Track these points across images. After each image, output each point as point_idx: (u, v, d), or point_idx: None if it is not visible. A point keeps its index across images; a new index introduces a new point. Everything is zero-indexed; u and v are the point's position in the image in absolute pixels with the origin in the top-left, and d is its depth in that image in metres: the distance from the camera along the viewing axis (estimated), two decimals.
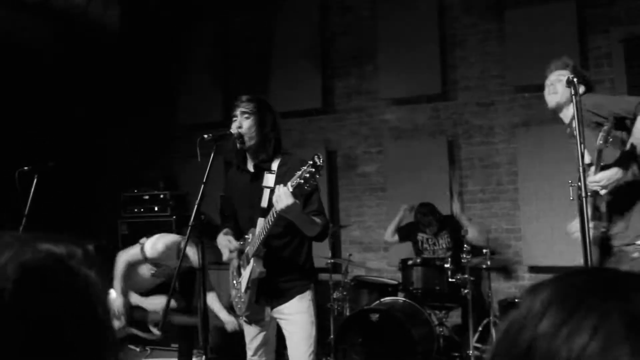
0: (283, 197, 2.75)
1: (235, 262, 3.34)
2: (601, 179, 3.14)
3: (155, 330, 4.60)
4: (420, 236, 5.72)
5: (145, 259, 4.50)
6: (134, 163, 7.66)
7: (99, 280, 0.72)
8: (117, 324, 4.54)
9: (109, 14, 6.41)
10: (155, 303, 4.64)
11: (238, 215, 3.41)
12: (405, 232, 5.83)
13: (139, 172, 7.54)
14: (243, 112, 3.18)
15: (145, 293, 4.73)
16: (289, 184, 2.75)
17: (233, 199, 3.45)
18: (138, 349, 6.22)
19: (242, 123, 3.17)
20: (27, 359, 0.63)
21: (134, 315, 4.65)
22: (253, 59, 7.44)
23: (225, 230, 3.43)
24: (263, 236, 3.03)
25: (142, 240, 4.58)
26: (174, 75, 7.73)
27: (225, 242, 3.31)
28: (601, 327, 0.55)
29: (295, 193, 2.74)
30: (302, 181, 2.69)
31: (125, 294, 4.57)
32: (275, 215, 2.88)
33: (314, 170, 2.66)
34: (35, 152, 5.22)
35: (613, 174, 3.14)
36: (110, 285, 4.51)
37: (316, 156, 2.68)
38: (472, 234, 5.33)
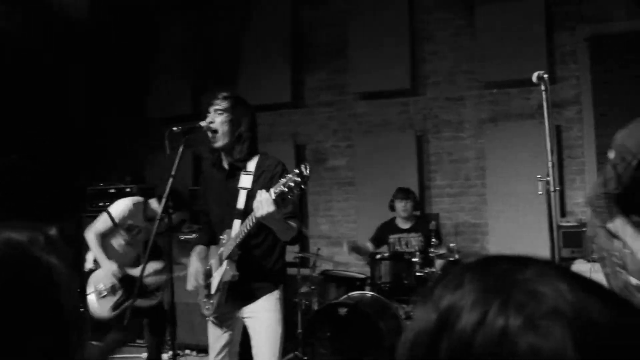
0: (264, 204, 2.70)
1: (201, 265, 3.28)
2: None
3: (157, 294, 4.70)
4: (392, 238, 5.72)
5: (115, 225, 4.53)
6: (100, 156, 7.54)
7: (63, 265, 0.70)
8: (109, 300, 4.54)
9: (77, 3, 6.28)
10: (149, 268, 4.52)
11: (210, 213, 3.37)
12: (379, 236, 5.84)
13: (106, 166, 7.43)
14: (217, 110, 3.14)
15: (131, 266, 4.68)
16: (272, 190, 2.70)
17: (206, 195, 3.40)
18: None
19: (214, 119, 3.12)
20: None
21: (131, 284, 4.53)
22: (223, 52, 7.37)
23: (198, 250, 3.36)
24: (239, 240, 2.99)
25: (107, 209, 4.64)
26: (143, 67, 7.62)
27: (194, 273, 3.26)
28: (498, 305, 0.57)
29: (277, 200, 2.70)
30: (286, 189, 2.65)
31: (110, 264, 4.52)
32: (254, 221, 2.84)
33: (299, 180, 2.62)
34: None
35: None
36: (79, 267, 4.56)
37: (303, 165, 2.64)
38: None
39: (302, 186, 2.64)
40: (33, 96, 6.97)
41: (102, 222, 4.55)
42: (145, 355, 5.32)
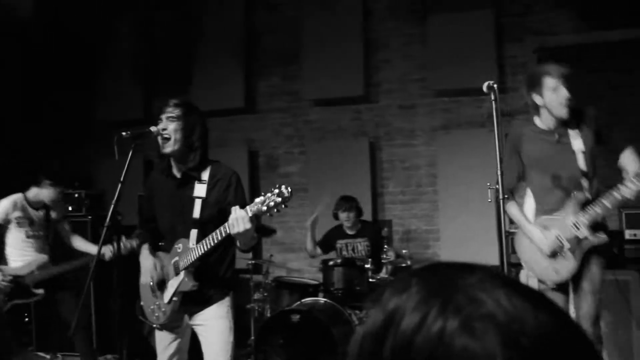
0: (241, 222, 2.71)
1: (157, 272, 3.20)
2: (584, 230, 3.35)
3: (38, 290, 4.79)
4: (340, 243, 5.71)
5: (3, 220, 4.78)
6: (47, 159, 7.33)
7: None
8: None
9: (21, 1, 6.10)
10: (27, 261, 4.83)
11: (158, 220, 3.29)
12: (325, 242, 5.81)
13: (53, 169, 7.22)
14: (169, 117, 3.08)
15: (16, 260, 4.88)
16: (248, 208, 2.70)
17: (154, 202, 3.33)
18: (49, 356, 5.96)
19: (167, 126, 3.06)
20: None
21: (15, 287, 4.77)
22: (176, 55, 7.28)
23: (146, 245, 3.29)
24: (203, 252, 2.95)
25: None
26: (93, 69, 7.44)
27: (151, 268, 3.18)
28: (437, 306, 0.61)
29: (252, 218, 2.70)
30: (264, 208, 2.66)
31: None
32: (223, 235, 2.83)
33: (280, 200, 2.63)
34: None
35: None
36: None
37: (284, 186, 2.66)
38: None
39: (284, 206, 2.66)
40: None
41: None
42: None
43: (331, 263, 5.22)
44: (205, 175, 3.12)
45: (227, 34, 6.98)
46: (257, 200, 2.69)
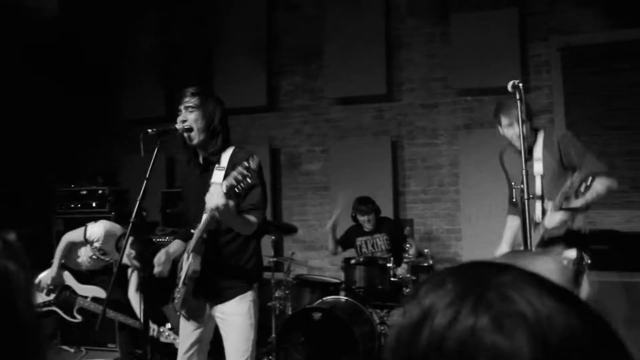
0: (215, 196, 2.70)
1: (165, 254, 3.23)
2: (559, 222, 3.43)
3: (78, 316, 4.82)
4: (359, 240, 5.71)
5: (86, 241, 4.73)
6: (71, 157, 7.43)
7: (20, 270, 0.68)
8: (39, 296, 4.77)
9: (48, 4, 6.18)
10: (87, 290, 4.87)
11: (188, 210, 3.32)
12: (345, 241, 5.81)
13: (77, 167, 7.32)
14: (188, 107, 3.10)
15: (81, 279, 4.91)
16: (224, 183, 2.71)
17: (185, 194, 3.37)
18: (72, 350, 6.04)
19: (187, 117, 3.09)
20: None
21: (62, 294, 4.85)
22: (198, 54, 7.33)
23: (173, 242, 3.33)
24: (200, 233, 2.97)
25: (88, 223, 4.85)
26: (116, 68, 7.52)
27: (156, 259, 3.20)
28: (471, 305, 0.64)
29: (228, 194, 2.69)
30: (234, 182, 2.65)
31: (59, 270, 4.82)
32: (208, 214, 2.84)
33: (245, 172, 2.63)
34: None
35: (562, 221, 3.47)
36: (36, 271, 4.80)
37: (251, 157, 2.70)
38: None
39: (248, 179, 2.65)
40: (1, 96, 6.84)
41: (75, 234, 4.80)
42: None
43: (353, 262, 5.23)
44: (224, 160, 3.12)
45: (248, 32, 7.01)
46: (231, 174, 2.71)
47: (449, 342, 0.62)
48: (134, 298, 4.69)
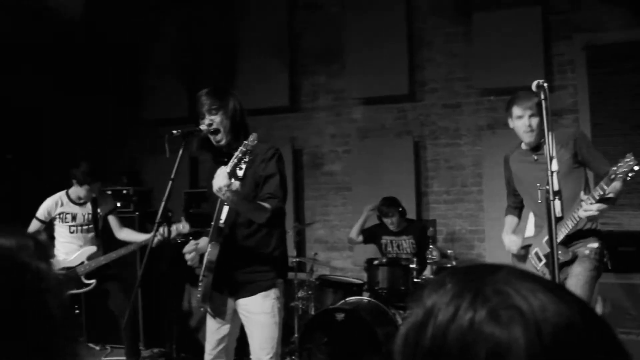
0: (219, 178, 2.74)
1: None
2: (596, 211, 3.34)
3: (89, 281, 5.00)
4: (385, 239, 5.71)
5: (42, 222, 5.04)
6: (96, 157, 7.50)
7: (51, 270, 0.70)
8: None
9: (71, 5, 6.25)
10: (77, 257, 5.07)
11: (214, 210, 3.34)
12: (370, 234, 5.81)
13: (102, 167, 7.39)
14: (210, 109, 3.11)
15: (68, 253, 5.11)
16: (229, 165, 2.76)
17: (210, 193, 3.38)
18: (98, 347, 6.11)
19: (212, 119, 3.10)
20: None
21: (65, 277, 4.98)
22: (220, 55, 7.36)
23: (203, 237, 3.35)
24: (217, 221, 3.01)
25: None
26: (140, 69, 7.59)
27: (186, 248, 3.25)
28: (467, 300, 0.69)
29: (232, 173, 2.74)
30: (236, 161, 2.71)
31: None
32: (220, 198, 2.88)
33: (244, 149, 2.72)
34: None
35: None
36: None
37: (252, 136, 2.78)
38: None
39: (246, 157, 2.75)
40: (25, 96, 6.94)
41: (32, 226, 5.04)
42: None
43: (376, 262, 5.22)
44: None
45: (270, 32, 7.03)
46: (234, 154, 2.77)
47: (451, 336, 0.66)
48: (125, 230, 5.29)
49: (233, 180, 2.74)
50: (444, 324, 0.68)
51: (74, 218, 5.14)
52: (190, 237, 5.39)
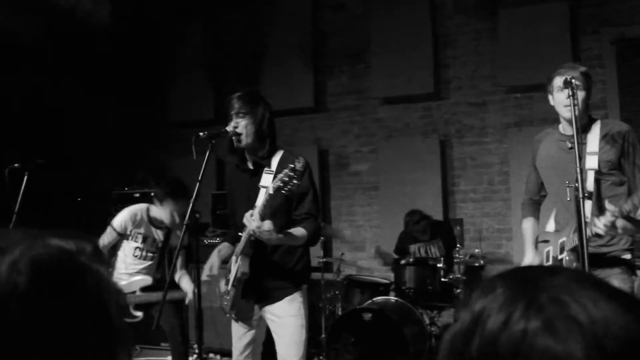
0: (250, 221, 2.83)
1: (218, 259, 3.30)
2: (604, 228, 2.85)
3: (137, 313, 4.52)
4: (413, 247, 5.69)
5: (118, 234, 4.47)
6: (124, 160, 7.60)
7: (110, 276, 0.71)
8: None
9: (99, 10, 6.35)
10: (131, 284, 4.53)
11: (237, 213, 3.34)
12: (401, 247, 5.82)
13: (130, 170, 7.49)
14: (238, 113, 3.14)
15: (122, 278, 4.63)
16: (270, 186, 2.76)
17: (233, 197, 3.41)
18: None
19: (238, 122, 3.12)
20: (38, 354, 0.62)
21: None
22: (245, 56, 7.41)
23: (221, 246, 3.37)
24: (248, 236, 3.03)
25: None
26: (165, 72, 7.68)
27: (209, 264, 3.27)
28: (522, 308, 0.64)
29: (263, 215, 2.80)
30: (281, 184, 2.69)
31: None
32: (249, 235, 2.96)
33: (292, 174, 2.66)
34: (25, 149, 5.16)
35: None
36: None
37: (297, 160, 2.73)
38: None
39: (295, 181, 2.68)
40: (56, 101, 7.05)
41: (107, 236, 4.50)
42: (170, 358, 5.36)
43: (403, 262, 5.21)
44: (274, 164, 3.15)
45: (294, 33, 7.05)
46: (278, 176, 2.75)
47: (501, 346, 0.62)
48: (183, 278, 4.56)
49: (264, 222, 2.81)
50: (493, 333, 0.63)
51: (144, 240, 4.58)
52: (217, 239, 5.44)
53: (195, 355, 5.10)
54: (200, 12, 7.54)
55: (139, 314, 4.51)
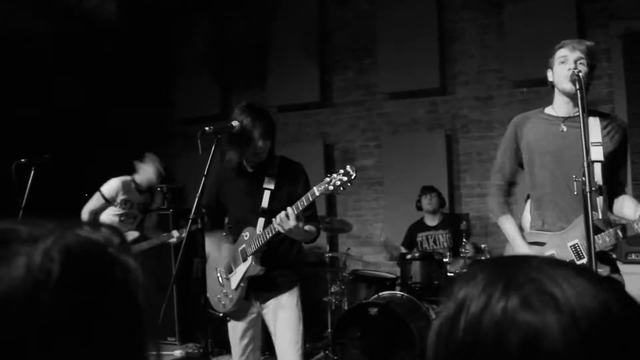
0: (285, 220, 2.91)
1: (224, 260, 3.33)
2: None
3: None
4: (420, 236, 5.72)
5: (107, 201, 4.95)
6: (130, 156, 7.60)
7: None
8: None
9: (105, 6, 6.35)
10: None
11: (230, 213, 3.44)
12: (409, 239, 5.86)
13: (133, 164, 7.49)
14: (264, 134, 3.13)
15: None
16: (316, 189, 2.87)
17: (225, 196, 3.42)
18: None
19: (265, 145, 3.16)
20: (69, 342, 0.62)
21: None
22: (251, 52, 7.41)
23: (213, 234, 3.46)
24: (266, 240, 3.10)
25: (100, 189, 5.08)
26: (171, 68, 7.68)
27: (219, 257, 3.38)
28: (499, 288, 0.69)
29: (298, 216, 2.92)
30: (331, 188, 2.82)
31: None
32: (274, 232, 3.03)
33: (346, 179, 2.82)
34: (32, 144, 5.19)
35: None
36: None
37: (349, 167, 2.86)
38: None
39: (349, 184, 2.84)
40: (62, 97, 7.06)
41: (94, 201, 4.97)
42: (177, 352, 5.42)
43: (409, 257, 5.21)
44: (275, 169, 3.26)
45: (301, 28, 7.04)
46: (325, 180, 2.87)
47: (484, 326, 0.66)
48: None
49: (300, 222, 2.95)
50: (476, 315, 0.68)
51: (131, 206, 5.13)
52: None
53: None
54: (207, 8, 7.54)
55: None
